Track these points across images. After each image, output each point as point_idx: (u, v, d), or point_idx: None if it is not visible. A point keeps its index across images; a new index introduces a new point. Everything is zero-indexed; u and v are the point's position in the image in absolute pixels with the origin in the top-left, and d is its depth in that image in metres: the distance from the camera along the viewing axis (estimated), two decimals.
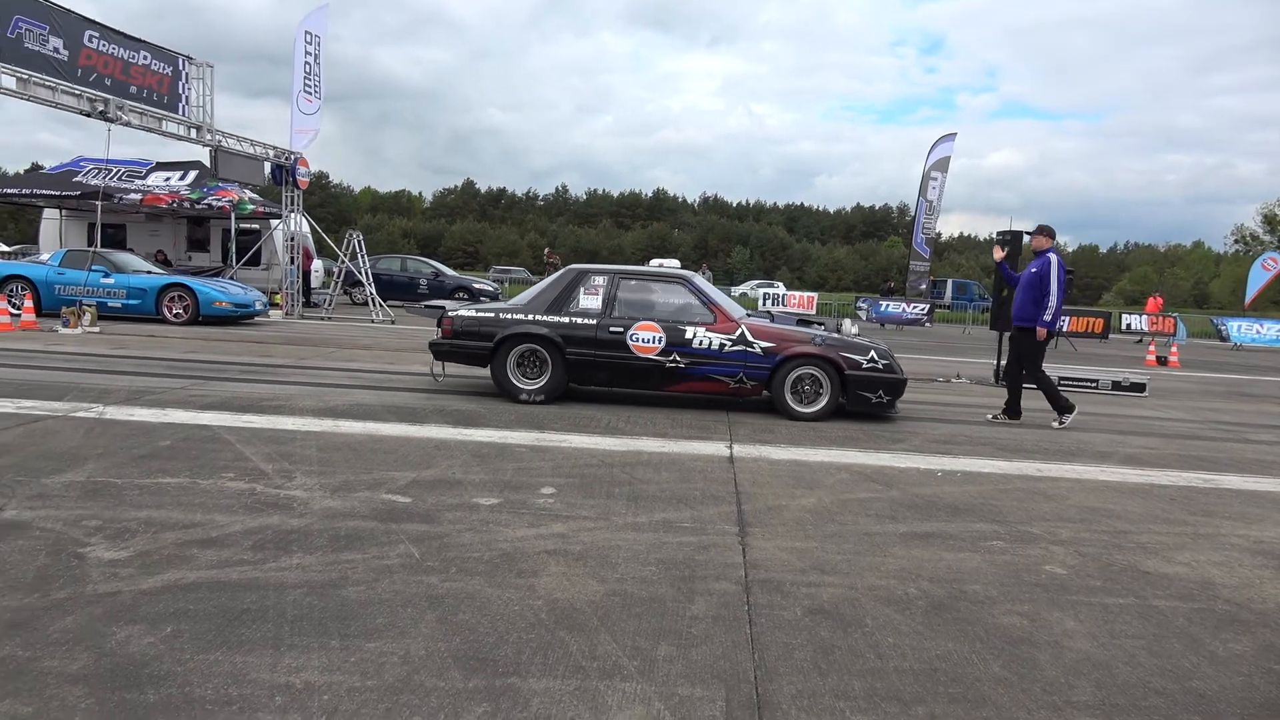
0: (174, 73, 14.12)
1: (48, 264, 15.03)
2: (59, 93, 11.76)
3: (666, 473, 5.59)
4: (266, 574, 3.50)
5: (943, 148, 31.30)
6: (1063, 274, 8.15)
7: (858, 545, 4.29)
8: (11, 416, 6.27)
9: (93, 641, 2.85)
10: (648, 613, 3.31)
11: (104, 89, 12.48)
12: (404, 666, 2.78)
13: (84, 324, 12.78)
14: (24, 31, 11.00)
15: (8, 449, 5.31)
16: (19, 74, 11.00)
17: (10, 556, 3.55)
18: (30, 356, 9.69)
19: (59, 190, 20.46)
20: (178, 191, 19.86)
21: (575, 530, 4.27)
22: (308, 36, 18.15)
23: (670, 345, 7.97)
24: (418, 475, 5.18)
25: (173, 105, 14.16)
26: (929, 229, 32.08)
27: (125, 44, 13.00)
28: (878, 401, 7.97)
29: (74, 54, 11.93)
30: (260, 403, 7.32)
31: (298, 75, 17.89)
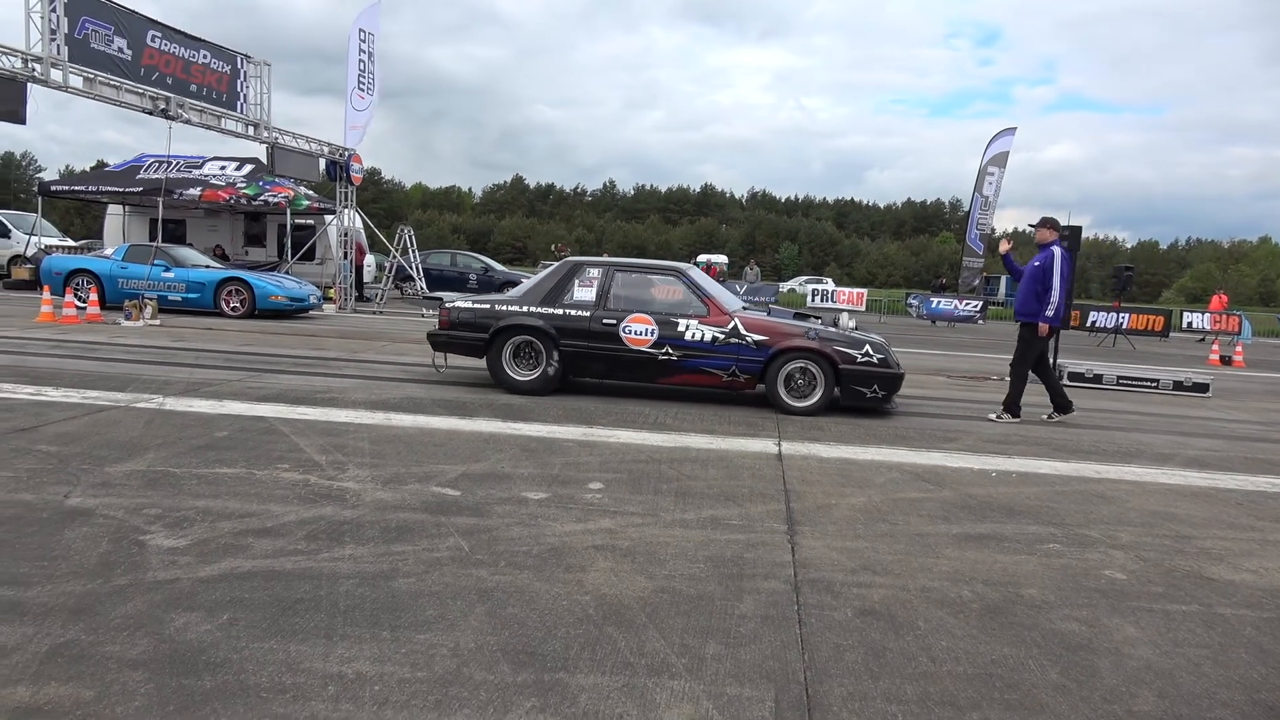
0: (233, 71, 14.42)
1: (112, 258, 15.46)
2: (123, 91, 12.07)
3: (714, 469, 5.56)
4: (320, 564, 3.56)
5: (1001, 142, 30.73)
6: (1066, 268, 7.89)
7: (909, 546, 4.22)
8: (77, 406, 6.46)
9: (152, 628, 2.91)
10: (696, 610, 3.29)
11: (166, 87, 12.78)
12: (454, 659, 2.80)
13: (145, 317, 13.13)
14: (91, 32, 11.31)
15: (74, 438, 5.47)
16: (86, 74, 11.32)
17: (75, 543, 3.65)
18: (95, 348, 9.98)
19: (122, 187, 21.07)
20: (235, 187, 20.29)
21: (623, 526, 4.27)
22: (361, 34, 18.40)
23: (663, 338, 7.96)
24: (467, 469, 5.22)
25: (231, 103, 14.46)
26: (984, 225, 31.52)
27: (186, 43, 13.30)
28: (872, 396, 7.85)
29: (137, 54, 12.24)
30: (314, 395, 7.44)
31: (351, 72, 18.15)
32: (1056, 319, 7.92)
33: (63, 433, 5.60)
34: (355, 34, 18.29)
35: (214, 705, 2.46)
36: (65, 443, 5.33)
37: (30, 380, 7.44)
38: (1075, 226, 11.23)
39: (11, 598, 3.08)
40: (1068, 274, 7.89)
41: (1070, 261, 7.99)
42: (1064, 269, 7.84)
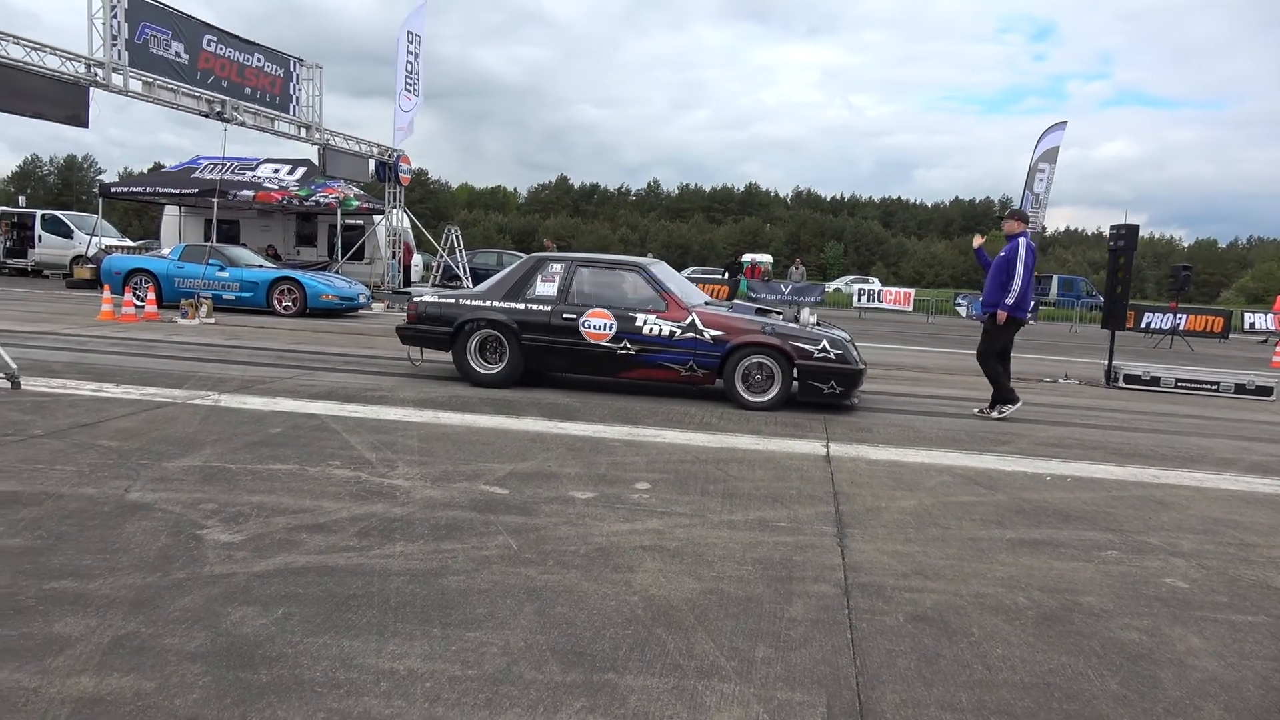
0: (285, 74, 14.69)
1: (168, 258, 15.83)
2: (180, 95, 12.37)
3: (761, 470, 5.52)
4: (371, 560, 3.60)
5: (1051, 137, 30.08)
6: (1030, 259, 7.85)
7: (962, 550, 4.15)
8: (136, 403, 6.62)
9: (209, 621, 2.97)
10: (745, 613, 3.26)
11: (221, 91, 13.07)
12: (503, 657, 2.81)
13: (201, 315, 13.43)
14: (150, 37, 11.60)
15: (133, 434, 5.60)
16: (145, 78, 11.62)
17: (135, 537, 3.73)
18: (152, 346, 10.23)
19: (179, 188, 21.57)
20: (287, 188, 20.67)
21: (670, 526, 4.25)
22: (409, 36, 18.62)
23: (621, 332, 8.00)
24: (514, 467, 5.25)
25: (284, 105, 14.74)
26: (1035, 223, 30.92)
27: (240, 47, 13.58)
28: (830, 392, 7.79)
29: (194, 58, 12.53)
30: (364, 393, 7.54)
31: (400, 74, 18.38)
32: (1018, 309, 7.90)
33: (123, 428, 5.74)
34: (403, 36, 18.52)
35: (269, 699, 2.50)
36: (125, 438, 5.47)
37: (92, 377, 7.64)
38: (1132, 225, 10.97)
39: (76, 589, 3.16)
40: (1031, 266, 7.88)
41: (1034, 252, 7.97)
42: (1028, 260, 7.82)
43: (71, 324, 12.31)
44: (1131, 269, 11.27)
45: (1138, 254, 12.12)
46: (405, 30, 18.66)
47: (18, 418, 5.88)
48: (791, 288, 27.95)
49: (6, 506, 4.03)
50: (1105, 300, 12.33)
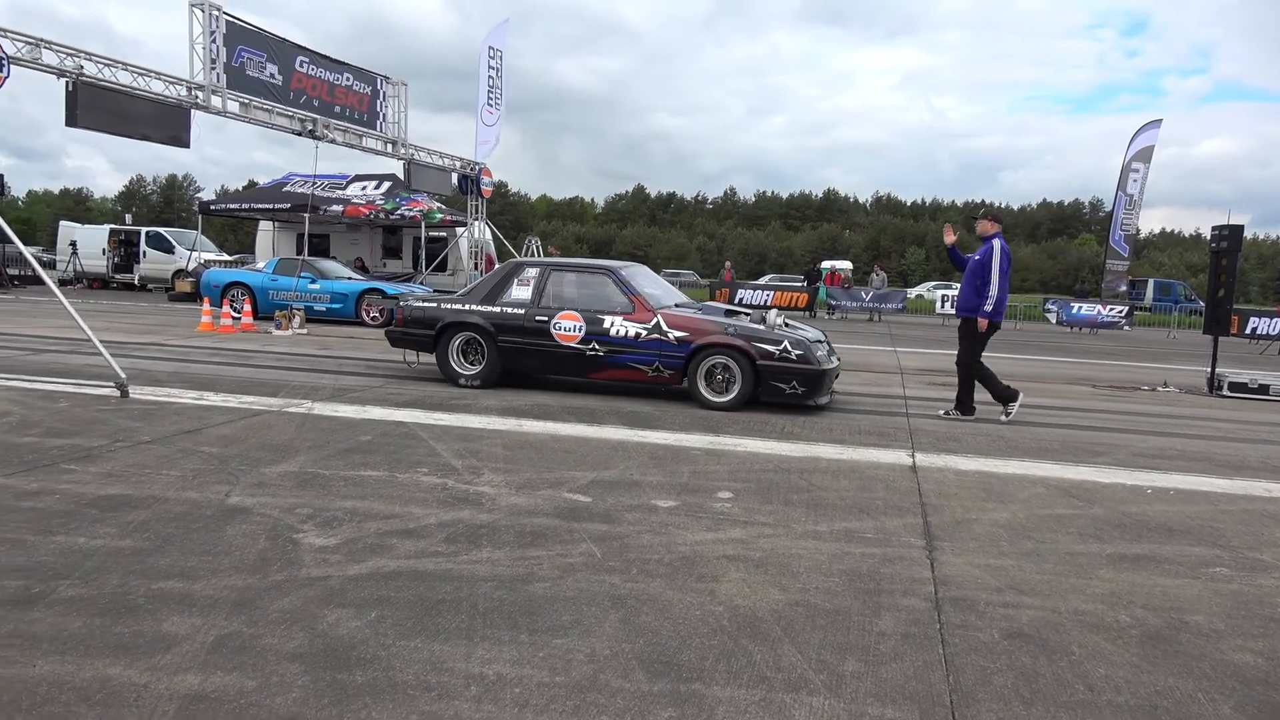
0: (373, 92, 15.14)
1: (263, 272, 16.47)
2: (275, 114, 12.87)
3: (846, 480, 5.43)
4: (459, 566, 3.66)
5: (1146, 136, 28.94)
6: (1005, 262, 7.66)
7: (1058, 565, 4.00)
8: (235, 410, 6.89)
9: (307, 623, 3.06)
10: (832, 625, 3.21)
11: (312, 109, 13.54)
12: (590, 665, 2.82)
13: (294, 326, 13.92)
14: (246, 60, 12.10)
15: (233, 440, 5.83)
16: (241, 99, 12.12)
17: (236, 540, 3.88)
18: (249, 356, 10.64)
19: (272, 204, 22.42)
20: (374, 202, 21.29)
21: (754, 536, 4.22)
22: (491, 51, 19.00)
23: (590, 334, 8.21)
24: (597, 475, 5.28)
25: (371, 122, 15.18)
26: (1128, 225, 29.76)
27: (331, 67, 14.06)
28: (792, 392, 7.79)
29: (287, 78, 13.01)
30: (449, 401, 7.69)
31: (482, 89, 18.76)
32: (996, 314, 7.73)
33: (222, 435, 5.98)
34: (485, 52, 18.90)
35: (365, 700, 2.56)
36: (225, 444, 5.69)
37: (194, 386, 7.98)
38: (1235, 225, 10.47)
39: (182, 590, 3.30)
40: (1006, 268, 7.69)
41: (1008, 256, 7.76)
42: (1003, 263, 7.66)
43: (174, 335, 12.90)
44: (1235, 271, 10.75)
45: (1241, 255, 11.56)
46: (487, 46, 19.04)
47: (127, 424, 6.18)
48: (872, 294, 27.47)
49: (118, 509, 4.24)
50: (1207, 304, 11.78)
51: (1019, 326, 27.10)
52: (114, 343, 9.28)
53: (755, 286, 29.83)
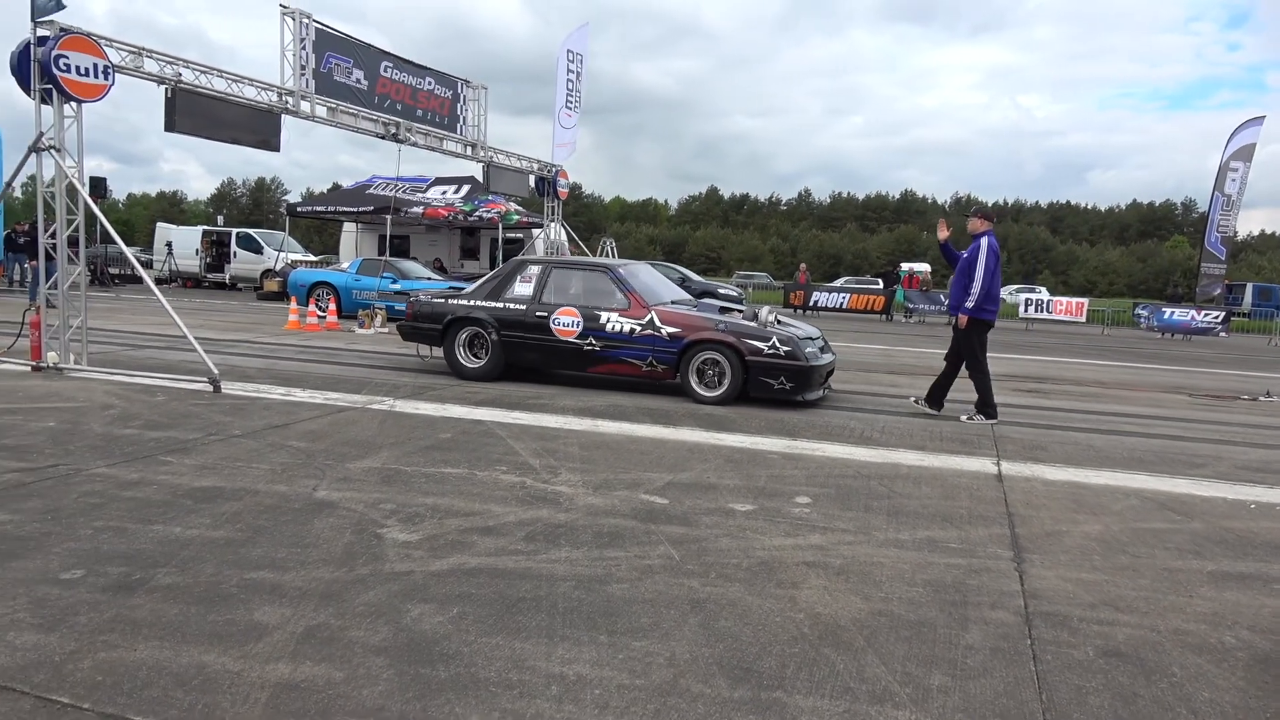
0: (454, 96, 15.38)
1: (347, 272, 16.92)
2: (360, 119, 13.17)
3: (928, 488, 5.30)
4: (538, 565, 3.68)
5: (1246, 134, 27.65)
6: (993, 259, 7.60)
7: (1156, 582, 3.83)
8: (321, 406, 7.08)
9: (391, 617, 3.11)
10: (917, 637, 3.13)
11: (396, 113, 13.82)
12: (670, 669, 2.80)
13: (376, 325, 14.26)
14: (334, 66, 12.43)
15: (319, 435, 5.99)
16: (329, 104, 12.44)
17: (323, 533, 3.97)
18: (334, 354, 10.93)
19: (356, 206, 23.02)
20: (453, 205, 21.68)
21: (834, 543, 4.14)
22: (570, 55, 19.14)
23: (587, 329, 8.48)
24: (673, 477, 5.26)
25: (452, 125, 15.43)
26: (1225, 227, 28.48)
27: (414, 72, 14.34)
28: (780, 388, 7.92)
29: (372, 83, 13.31)
30: (526, 401, 7.77)
31: (560, 92, 18.91)
32: (981, 311, 7.64)
33: (309, 430, 6.14)
34: (564, 55, 19.05)
35: (448, 695, 2.58)
36: (312, 440, 5.85)
37: (282, 382, 8.23)
38: None
39: (272, 580, 3.39)
40: (993, 266, 7.61)
41: (996, 254, 7.67)
42: (989, 261, 7.58)
43: (262, 333, 13.34)
44: None
45: None
46: (565, 49, 19.19)
47: (219, 419, 6.40)
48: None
49: (211, 500, 4.39)
50: None
51: (1106, 332, 26.16)
52: (206, 339, 9.63)
53: (830, 289, 29.42)
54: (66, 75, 8.13)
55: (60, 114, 8.30)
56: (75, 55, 8.21)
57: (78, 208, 8.49)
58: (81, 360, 8.47)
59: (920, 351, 15.37)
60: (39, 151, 8.32)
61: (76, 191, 8.42)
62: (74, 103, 8.36)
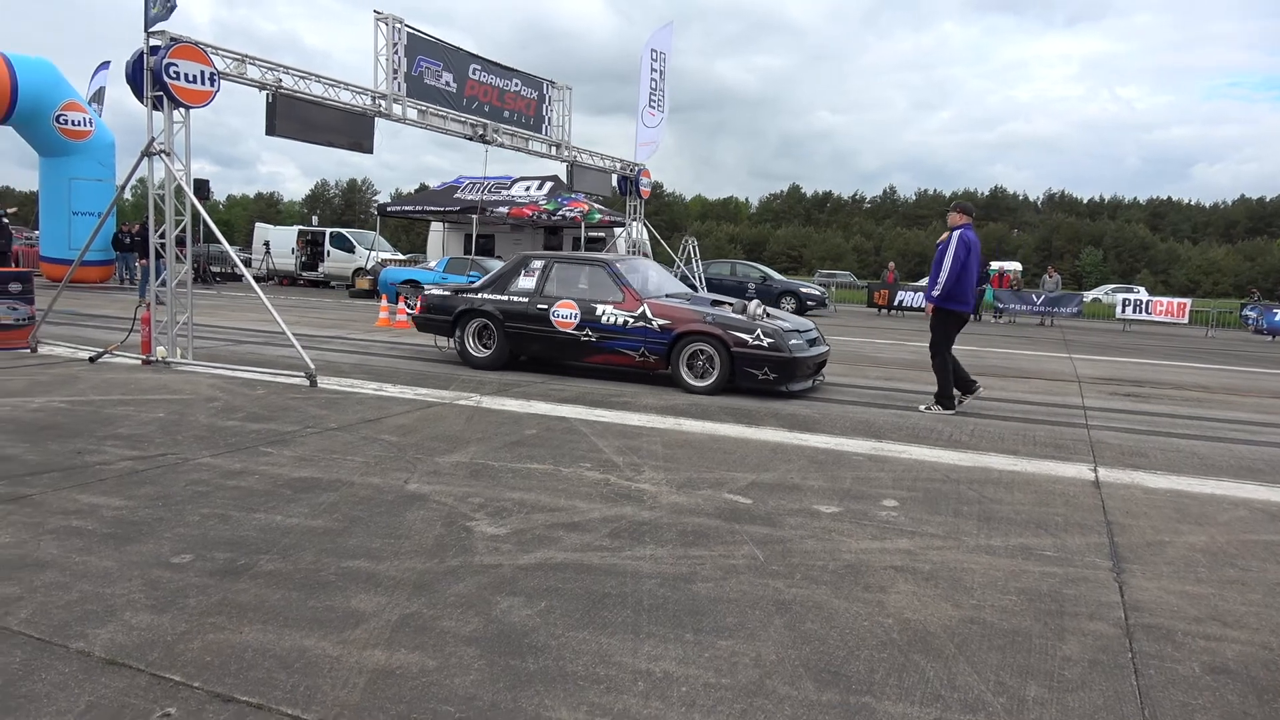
0: (539, 96, 15.60)
1: (435, 270, 17.34)
2: (449, 120, 13.48)
3: (1020, 493, 5.15)
4: (623, 561, 3.71)
5: None
6: (962, 251, 7.69)
7: (1269, 597, 3.64)
8: (411, 401, 7.27)
9: (481, 608, 3.18)
10: (1010, 646, 3.05)
11: (483, 115, 14.09)
12: (756, 669, 2.80)
13: None
14: (424, 69, 12.74)
15: (409, 430, 6.15)
16: (419, 106, 12.76)
17: (415, 525, 4.09)
18: (421, 350, 11.20)
19: (442, 206, 23.54)
20: (536, 202, 21.98)
21: (922, 548, 4.06)
22: (653, 54, 19.19)
23: (584, 321, 8.87)
24: (757, 477, 5.23)
25: (537, 126, 15.65)
26: None
27: (501, 74, 14.59)
28: (764, 378, 8.16)
29: (461, 86, 13.60)
30: (608, 399, 7.83)
31: (643, 91, 18.98)
32: (948, 300, 7.81)
33: (400, 425, 6.32)
34: (647, 54, 19.12)
35: (537, 687, 2.63)
36: (403, 434, 6.01)
37: (373, 377, 8.49)
38: None
39: (368, 569, 3.50)
40: (963, 258, 7.69)
41: (967, 246, 7.72)
42: (958, 252, 7.68)
43: (355, 329, 13.76)
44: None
45: None
46: (649, 48, 19.26)
47: (316, 412, 6.64)
48: (1044, 298, 25.96)
49: (309, 491, 4.55)
50: None
51: (1211, 334, 24.95)
52: (302, 335, 9.98)
53: (917, 288, 28.78)
54: (176, 82, 8.53)
55: (170, 119, 8.72)
56: (184, 63, 8.61)
57: (185, 209, 8.91)
58: (187, 355, 8.88)
59: (1009, 353, 14.93)
60: (150, 155, 8.75)
61: (184, 193, 8.84)
62: (182, 108, 8.77)
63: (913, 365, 11.96)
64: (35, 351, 9.26)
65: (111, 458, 5.06)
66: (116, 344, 9.19)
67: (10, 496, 4.26)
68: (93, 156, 20.24)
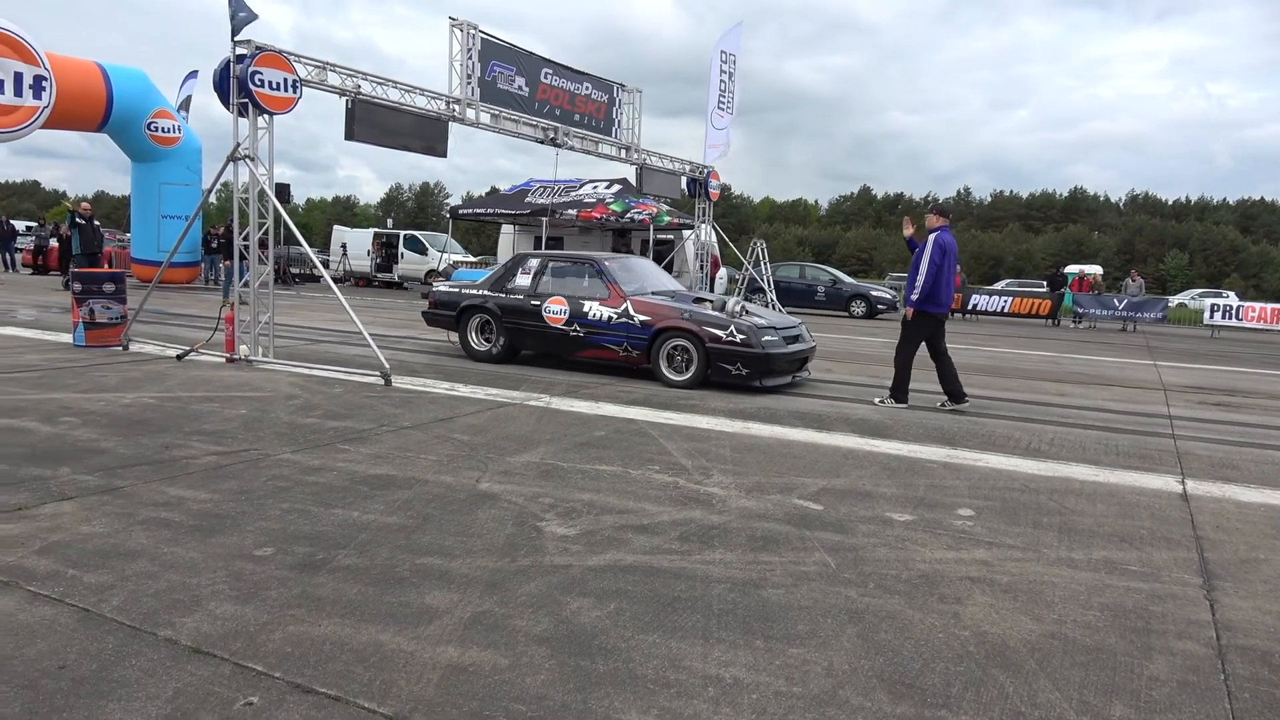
0: (609, 100, 15.68)
1: None
2: (521, 124, 13.64)
3: (1103, 505, 4.98)
4: (692, 565, 3.70)
5: None
6: (939, 255, 7.77)
7: None
8: (481, 402, 7.37)
9: (551, 609, 3.20)
10: (1094, 664, 2.95)
11: (554, 119, 14.22)
12: (828, 678, 2.75)
13: None
14: (497, 74, 12.92)
15: (480, 429, 6.24)
16: (492, 110, 12.94)
17: (486, 524, 4.14)
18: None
19: (513, 209, 23.82)
20: (605, 202, 22.09)
21: (1000, 559, 3.96)
22: (723, 55, 19.12)
23: (572, 316, 9.30)
24: (827, 483, 5.17)
25: (607, 129, 15.73)
26: None
27: (572, 77, 14.71)
28: (737, 373, 8.44)
29: (533, 90, 13.75)
30: (676, 401, 7.82)
31: (713, 93, 18.92)
32: (927, 303, 7.90)
33: (471, 424, 6.41)
34: (717, 56, 19.06)
35: (607, 689, 2.64)
36: (474, 433, 6.10)
37: (445, 377, 8.63)
38: None
39: (441, 566, 3.56)
40: (938, 261, 7.77)
41: (943, 249, 7.79)
42: (934, 256, 7.76)
43: (427, 330, 13.99)
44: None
45: None
46: (719, 50, 19.19)
47: (390, 410, 6.78)
48: (1126, 302, 25.09)
49: (385, 488, 4.65)
50: None
51: None
52: (376, 335, 10.19)
53: (991, 292, 28.10)
54: (261, 90, 8.81)
55: (255, 126, 9.01)
56: (268, 71, 8.89)
57: (268, 212, 9.19)
58: (268, 353, 9.16)
59: (1089, 359, 14.46)
60: (236, 160, 9.05)
61: (267, 197, 9.12)
62: (266, 115, 9.05)
63: (986, 370, 11.68)
64: (127, 349, 9.65)
65: (197, 452, 5.24)
66: (202, 342, 9.52)
67: (105, 488, 4.45)
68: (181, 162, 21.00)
